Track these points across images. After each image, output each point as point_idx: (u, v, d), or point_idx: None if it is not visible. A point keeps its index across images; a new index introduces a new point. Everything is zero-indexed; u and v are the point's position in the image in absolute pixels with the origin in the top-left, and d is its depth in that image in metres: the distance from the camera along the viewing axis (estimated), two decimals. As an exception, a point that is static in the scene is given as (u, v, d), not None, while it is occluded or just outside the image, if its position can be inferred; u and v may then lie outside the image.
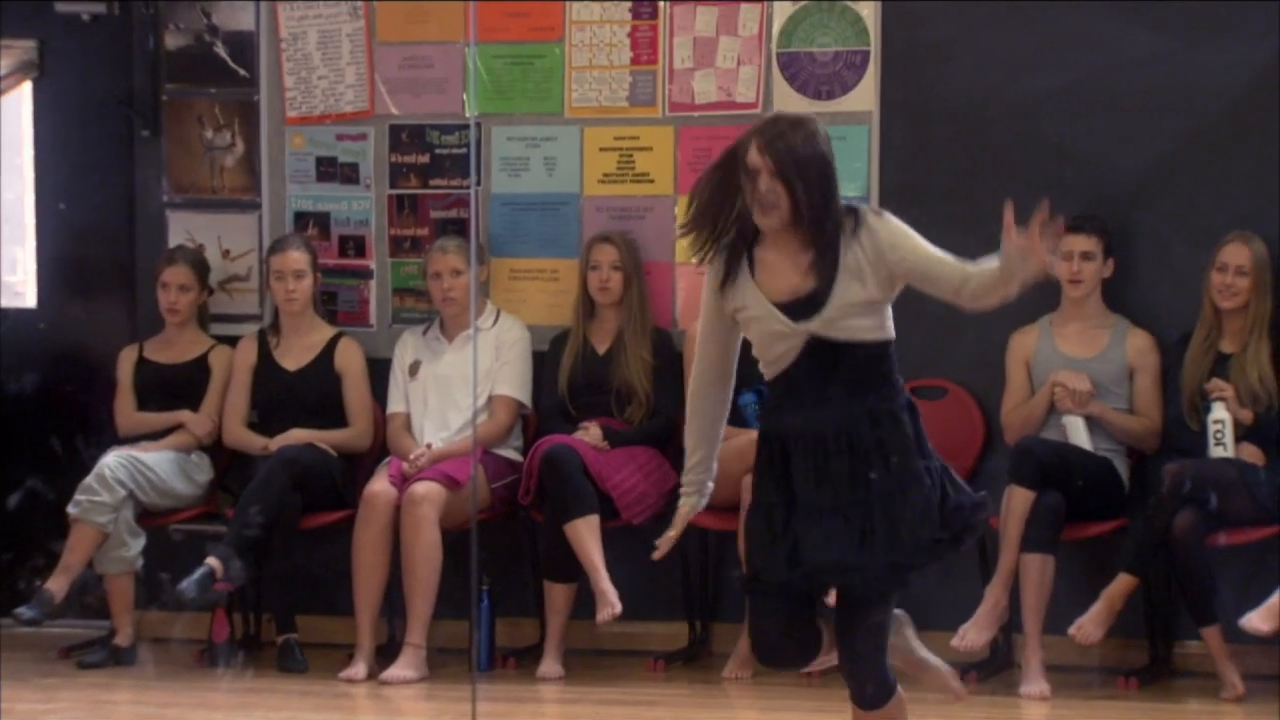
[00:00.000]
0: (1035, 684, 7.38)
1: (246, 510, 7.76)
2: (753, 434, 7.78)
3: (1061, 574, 7.47)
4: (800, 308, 4.85)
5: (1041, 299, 7.73)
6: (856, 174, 8.02)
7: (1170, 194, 7.90)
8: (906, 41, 8.01)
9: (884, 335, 4.89)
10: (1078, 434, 7.65)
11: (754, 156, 4.80)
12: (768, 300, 4.85)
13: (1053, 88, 7.91)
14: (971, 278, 4.89)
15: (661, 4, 8.27)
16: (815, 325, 4.83)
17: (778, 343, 4.85)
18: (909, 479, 4.87)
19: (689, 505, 5.04)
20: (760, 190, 4.79)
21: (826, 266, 4.84)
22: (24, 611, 7.88)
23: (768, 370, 4.93)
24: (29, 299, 8.92)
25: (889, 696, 5.02)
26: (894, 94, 7.99)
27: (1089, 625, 7.32)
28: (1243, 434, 7.55)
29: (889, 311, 4.92)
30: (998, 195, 7.81)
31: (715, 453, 5.05)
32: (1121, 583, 7.34)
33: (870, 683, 5.00)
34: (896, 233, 4.88)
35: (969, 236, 7.94)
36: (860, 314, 4.86)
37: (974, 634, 7.43)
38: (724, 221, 4.89)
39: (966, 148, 8.01)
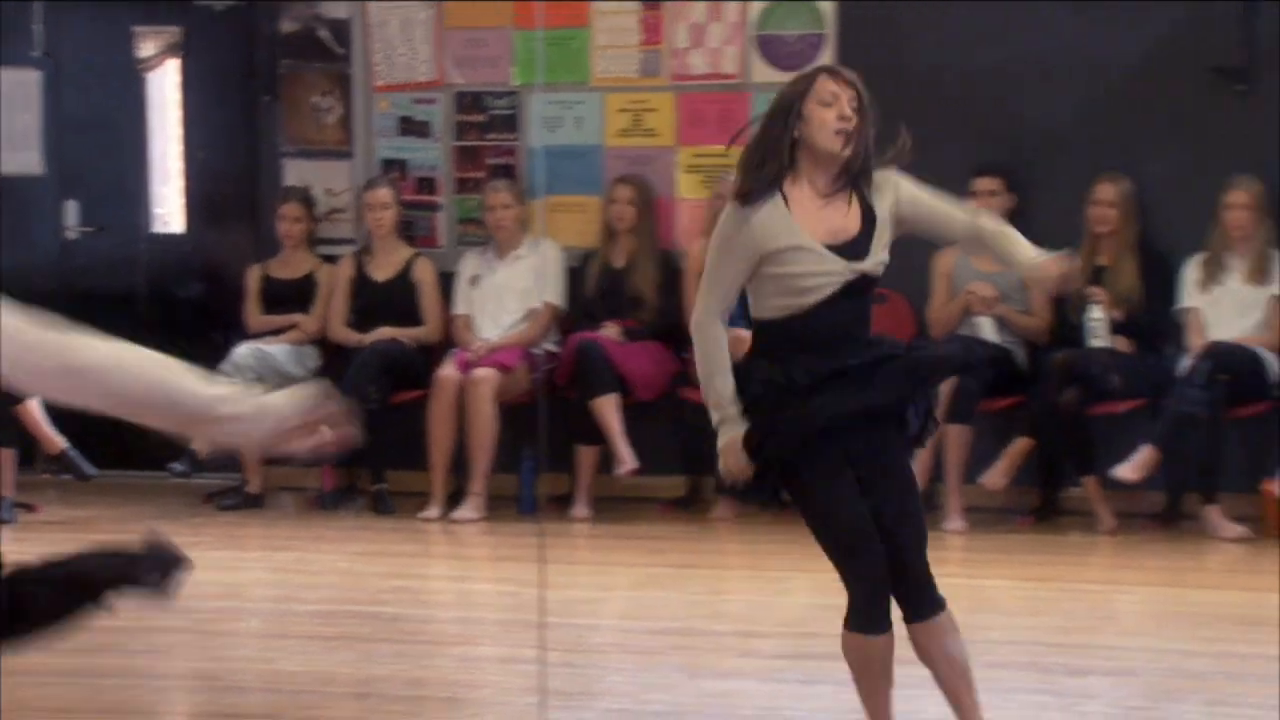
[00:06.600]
0: (955, 521, 7.99)
1: (347, 389, 7.72)
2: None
3: (975, 438, 7.99)
4: (846, 249, 4.38)
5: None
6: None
7: (1065, 148, 8.32)
8: (860, 22, 8.50)
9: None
10: (987, 330, 8.22)
11: (834, 86, 4.33)
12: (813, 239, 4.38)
13: (992, 61, 8.34)
14: (980, 236, 4.55)
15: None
16: (868, 265, 4.40)
17: (816, 279, 4.36)
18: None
19: (732, 436, 4.41)
20: (845, 115, 4.31)
21: (866, 211, 4.42)
22: (176, 466, 8.42)
23: (783, 307, 4.39)
24: (175, 227, 9.49)
25: (943, 605, 4.45)
26: (849, 63, 7.88)
27: (995, 476, 7.91)
28: (1115, 328, 8.03)
29: None
30: (938, 146, 7.89)
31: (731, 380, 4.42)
32: (1021, 444, 7.92)
33: (926, 589, 4.44)
34: (913, 188, 4.49)
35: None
36: (886, 256, 4.47)
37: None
38: (774, 163, 4.37)
39: (914, 110, 7.80)
